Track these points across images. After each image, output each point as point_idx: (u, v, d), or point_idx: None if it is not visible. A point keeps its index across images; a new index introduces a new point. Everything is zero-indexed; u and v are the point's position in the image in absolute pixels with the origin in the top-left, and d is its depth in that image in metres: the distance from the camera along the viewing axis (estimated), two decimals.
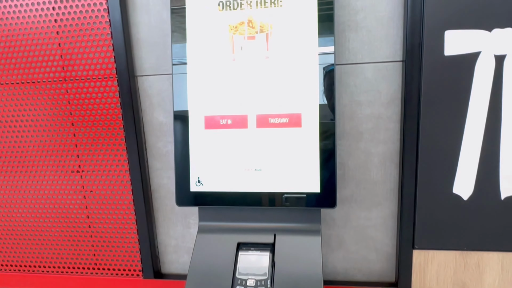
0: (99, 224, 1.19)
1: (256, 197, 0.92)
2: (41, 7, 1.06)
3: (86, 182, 1.17)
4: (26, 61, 1.11)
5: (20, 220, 1.24)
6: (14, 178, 1.21)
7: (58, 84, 1.11)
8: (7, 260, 1.30)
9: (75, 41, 1.07)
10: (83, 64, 1.08)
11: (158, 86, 1.09)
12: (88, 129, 1.12)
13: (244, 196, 0.92)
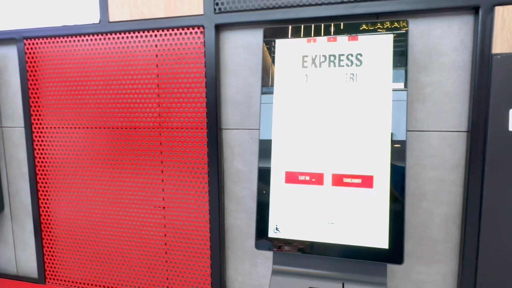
0: (174, 252, 1.34)
1: (328, 247, 1.02)
2: (146, 64, 1.27)
3: (167, 215, 1.33)
4: (128, 109, 1.31)
5: (107, 243, 1.42)
6: (108, 207, 1.40)
7: (153, 131, 1.30)
8: (92, 279, 1.47)
9: (174, 97, 1.26)
10: (178, 116, 1.26)
11: (240, 138, 1.25)
12: (175, 168, 1.30)
13: (317, 245, 1.03)
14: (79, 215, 1.44)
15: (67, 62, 1.36)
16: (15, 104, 1.49)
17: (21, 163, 1.52)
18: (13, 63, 1.47)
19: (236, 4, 1.16)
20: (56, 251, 1.49)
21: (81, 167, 1.41)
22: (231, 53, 1.23)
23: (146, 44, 1.27)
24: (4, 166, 1.55)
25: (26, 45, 1.39)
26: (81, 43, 1.34)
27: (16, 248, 1.58)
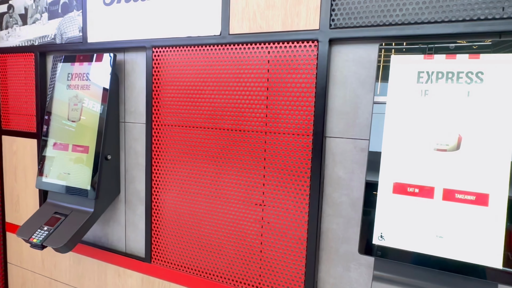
0: (269, 250, 1.44)
1: (435, 260, 1.04)
2: (258, 72, 1.39)
3: (266, 214, 1.44)
4: (238, 113, 1.45)
5: (207, 233, 1.57)
6: (210, 200, 1.54)
7: (259, 134, 1.42)
8: (191, 264, 1.62)
9: (282, 104, 1.36)
10: (285, 122, 1.36)
11: (343, 147, 1.31)
12: (277, 169, 1.40)
13: (423, 257, 1.05)
14: (185, 205, 1.61)
15: (187, 69, 1.54)
16: (137, 103, 1.72)
17: (138, 154, 1.73)
18: (140, 68, 1.69)
19: (352, 20, 1.23)
20: (162, 235, 1.67)
21: (190, 162, 1.57)
22: (341, 66, 1.30)
23: (259, 55, 1.39)
24: (123, 156, 1.78)
25: (154, 52, 1.60)
26: (202, 52, 1.50)
27: (126, 229, 1.80)
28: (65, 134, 1.72)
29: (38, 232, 1.63)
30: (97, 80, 1.67)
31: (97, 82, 1.67)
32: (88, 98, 1.68)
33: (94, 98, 1.67)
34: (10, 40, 2.02)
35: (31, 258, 2.13)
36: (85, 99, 1.69)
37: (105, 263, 1.85)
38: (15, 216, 2.16)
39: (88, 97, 1.69)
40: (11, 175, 2.14)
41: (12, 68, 2.05)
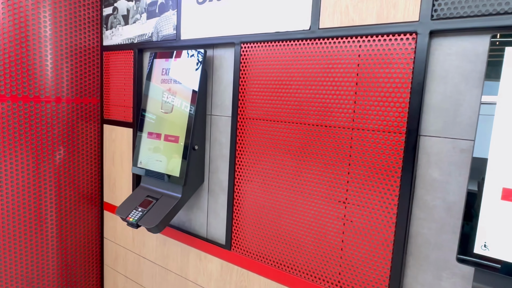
0: (351, 249, 1.41)
1: None
2: (347, 67, 1.36)
3: (349, 213, 1.41)
4: (324, 108, 1.43)
5: (286, 226, 1.58)
6: (291, 194, 1.56)
7: (345, 130, 1.38)
8: (269, 255, 1.66)
9: (373, 100, 1.32)
10: (374, 119, 1.32)
11: (439, 146, 1.23)
12: (363, 167, 1.36)
13: None
14: (265, 197, 1.64)
15: (274, 64, 1.57)
16: (224, 97, 1.79)
17: (222, 146, 1.82)
18: (227, 63, 1.76)
19: (458, 10, 1.14)
20: (242, 225, 1.73)
21: (272, 155, 1.60)
22: (441, 60, 1.21)
23: (350, 49, 1.36)
24: (208, 147, 1.88)
25: (242, 48, 1.66)
26: (289, 47, 1.52)
27: (208, 216, 1.91)
28: (158, 124, 1.87)
29: (134, 213, 1.80)
30: (188, 74, 1.78)
31: (188, 77, 1.78)
32: (179, 92, 1.81)
33: (185, 92, 1.78)
34: (113, 39, 2.25)
35: (123, 235, 2.36)
36: (177, 93, 1.82)
37: (188, 247, 1.98)
38: (112, 197, 2.41)
39: (179, 91, 1.81)
40: (109, 160, 2.40)
41: (115, 64, 2.28)
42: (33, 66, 2.11)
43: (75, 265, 2.43)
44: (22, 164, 2.15)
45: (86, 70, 2.32)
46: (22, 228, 2.19)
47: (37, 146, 2.18)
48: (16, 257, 2.19)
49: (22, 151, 2.14)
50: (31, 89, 2.13)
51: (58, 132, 2.26)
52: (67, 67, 2.23)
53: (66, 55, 2.21)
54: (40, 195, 2.22)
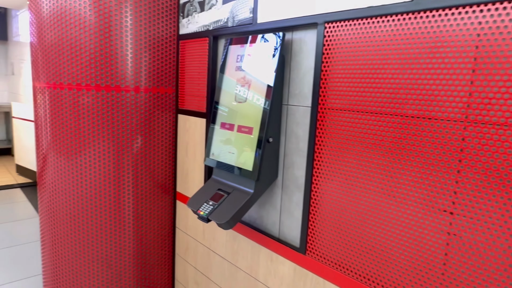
0: (457, 267, 1.14)
1: None
2: (460, 45, 1.08)
3: (455, 223, 1.14)
4: (427, 96, 1.17)
5: (372, 233, 1.36)
6: (380, 197, 1.33)
7: (456, 124, 1.11)
8: (351, 266, 1.46)
9: (499, 86, 1.03)
10: (500, 110, 1.03)
11: None
12: (478, 168, 1.08)
13: None
14: (348, 199, 1.44)
15: (364, 45, 1.34)
16: (302, 85, 1.62)
17: (299, 139, 1.65)
18: (308, 47, 1.58)
19: None
20: (319, 228, 1.55)
21: (359, 151, 1.39)
22: None
23: (465, 22, 1.08)
24: (284, 140, 1.72)
25: (326, 28, 1.46)
26: (384, 23, 1.28)
27: (281, 214, 1.76)
28: (231, 115, 1.77)
29: (205, 206, 1.73)
30: (265, 61, 1.64)
31: (265, 63, 1.64)
32: (254, 80, 1.68)
33: (261, 81, 1.65)
34: (189, 27, 2.21)
35: (194, 227, 2.34)
36: (252, 81, 1.69)
37: (258, 245, 1.86)
38: (184, 187, 2.41)
39: (254, 79, 1.68)
40: (183, 150, 2.39)
41: (190, 53, 2.25)
42: (115, 56, 2.16)
43: (149, 251, 2.49)
44: (104, 152, 2.23)
45: (163, 59, 2.32)
46: (103, 213, 2.28)
47: (117, 134, 2.24)
48: (97, 240, 2.30)
49: (104, 139, 2.22)
50: (113, 78, 2.18)
51: (136, 121, 2.30)
52: (145, 57, 2.25)
53: (145, 44, 2.23)
54: (119, 183, 2.29)
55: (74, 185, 2.26)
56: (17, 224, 4.33)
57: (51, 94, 2.23)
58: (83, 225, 2.29)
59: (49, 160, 2.32)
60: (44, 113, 2.30)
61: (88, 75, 2.15)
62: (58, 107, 2.22)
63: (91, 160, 2.22)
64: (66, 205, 2.30)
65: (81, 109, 2.18)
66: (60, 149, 2.26)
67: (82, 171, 2.23)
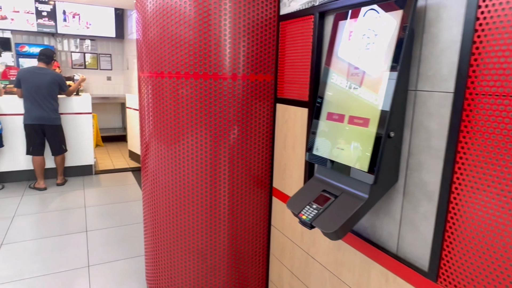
0: None
1: None
2: None
3: None
4: None
5: None
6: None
7: None
8: None
9: None
10: None
11: None
12: None
13: None
14: (505, 217, 1.05)
15: None
16: (439, 64, 1.25)
17: (431, 134, 1.28)
18: (450, 13, 1.20)
19: None
20: (460, 250, 1.19)
21: None
22: None
23: None
24: (409, 135, 1.37)
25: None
26: None
27: (401, 227, 1.42)
28: (341, 103, 1.49)
29: (307, 209, 1.49)
30: (386, 37, 1.31)
31: (386, 40, 1.31)
32: (372, 60, 1.36)
33: (380, 60, 1.32)
34: (291, 5, 1.97)
35: (291, 227, 2.14)
36: (369, 61, 1.37)
37: (369, 259, 1.56)
38: (281, 184, 2.21)
39: (372, 58, 1.36)
40: (281, 143, 2.19)
41: (291, 35, 2.01)
42: (213, 42, 2.05)
43: (243, 248, 2.37)
44: (201, 142, 2.16)
45: (262, 44, 2.14)
46: (199, 204, 2.23)
47: (214, 124, 2.14)
48: (192, 230, 2.27)
49: (201, 129, 2.15)
50: (211, 66, 2.08)
51: (233, 110, 2.17)
52: (243, 42, 2.09)
53: (244, 28, 2.07)
54: (216, 174, 2.21)
55: (172, 174, 2.25)
56: (127, 205, 4.75)
57: (153, 82, 2.24)
58: (180, 214, 2.28)
59: (151, 147, 2.36)
60: (147, 101, 2.34)
61: (187, 63, 2.09)
62: (159, 95, 2.22)
63: (189, 150, 2.18)
64: (164, 194, 2.31)
65: (180, 97, 2.14)
66: (160, 137, 2.27)
67: (180, 161, 2.21)
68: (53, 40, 8.31)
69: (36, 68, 4.98)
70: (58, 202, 4.75)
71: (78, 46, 8.60)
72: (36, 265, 3.20)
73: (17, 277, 3.03)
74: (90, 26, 8.09)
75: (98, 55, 8.83)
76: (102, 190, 5.31)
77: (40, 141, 5.07)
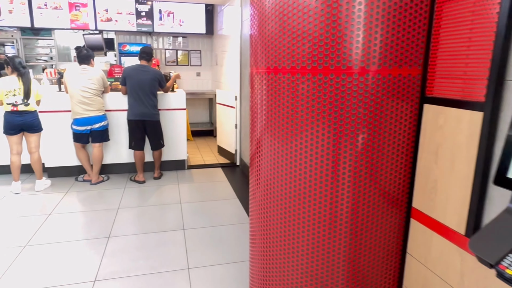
0: None
1: None
2: None
3: None
4: None
5: None
6: None
7: None
8: None
9: None
10: None
11: None
12: None
13: None
14: None
15: None
16: None
17: None
18: None
19: None
20: None
21: None
22: None
23: None
24: None
25: None
26: None
27: None
28: None
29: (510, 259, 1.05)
30: None
31: None
32: None
33: None
34: None
35: (442, 262, 1.68)
36: None
37: None
38: (427, 205, 1.76)
39: None
40: (429, 153, 1.73)
41: (453, 13, 1.54)
42: (339, 30, 1.68)
43: (365, 275, 1.99)
44: (320, 144, 1.82)
45: (407, 29, 1.70)
46: (316, 215, 1.90)
47: (336, 126, 1.79)
48: (307, 247, 1.95)
49: (320, 130, 1.81)
50: (333, 59, 1.72)
51: (361, 111, 1.78)
52: (382, 28, 1.68)
53: (381, 9, 1.65)
54: (336, 183, 1.86)
55: (285, 177, 1.96)
56: (220, 204, 4.67)
57: (268, 78, 1.97)
58: (292, 228, 1.99)
59: (262, 145, 2.10)
60: (260, 97, 2.09)
61: (304, 56, 1.76)
62: (272, 91, 1.95)
63: (306, 151, 1.86)
64: (276, 199, 2.04)
65: (295, 95, 1.85)
66: (273, 135, 2.00)
67: (296, 167, 1.91)
68: (149, 39, 8.76)
69: (140, 66, 5.17)
70: (155, 197, 4.89)
71: (171, 43, 8.95)
72: (139, 262, 3.23)
73: (124, 273, 3.08)
74: (182, 23, 8.33)
75: (189, 52, 9.09)
76: (194, 186, 5.35)
77: (141, 137, 5.27)
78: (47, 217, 4.15)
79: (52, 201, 4.62)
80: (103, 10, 7.78)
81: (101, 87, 5.12)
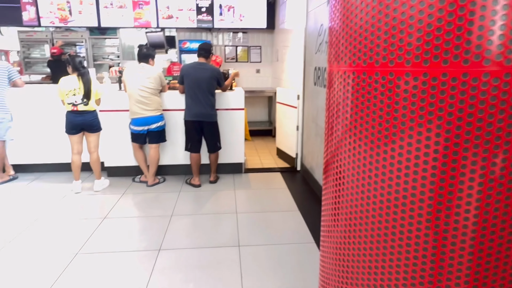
0: None
1: None
2: None
3: None
4: None
5: None
6: None
7: None
8: None
9: None
10: None
11: None
12: None
13: None
14: None
15: None
16: None
17: None
18: None
19: None
20: None
21: None
22: None
23: None
24: None
25: None
26: None
27: None
28: None
29: None
30: None
31: None
32: None
33: None
34: None
35: None
36: None
37: None
38: None
39: None
40: None
41: None
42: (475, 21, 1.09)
43: None
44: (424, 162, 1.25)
45: None
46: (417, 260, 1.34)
47: (446, 136, 1.20)
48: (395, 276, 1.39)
49: (425, 137, 1.24)
50: (445, 52, 1.13)
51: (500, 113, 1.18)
52: None
53: None
54: (443, 203, 1.27)
55: (369, 187, 1.42)
56: (280, 216, 4.20)
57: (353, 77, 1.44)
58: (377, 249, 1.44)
59: (343, 150, 1.58)
60: (343, 97, 1.57)
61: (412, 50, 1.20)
62: (359, 91, 1.42)
63: (401, 161, 1.30)
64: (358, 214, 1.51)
65: (393, 97, 1.29)
66: (360, 139, 1.47)
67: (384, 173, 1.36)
68: (209, 35, 8.56)
69: (198, 64, 4.88)
70: (211, 204, 4.57)
71: (231, 39, 8.67)
72: (189, 285, 2.89)
73: None
74: (243, 18, 7.97)
75: (249, 48, 8.73)
76: (252, 192, 4.94)
77: (198, 138, 5.00)
78: (101, 221, 4.03)
79: (108, 203, 4.53)
80: (164, 7, 7.72)
81: (159, 85, 4.93)
